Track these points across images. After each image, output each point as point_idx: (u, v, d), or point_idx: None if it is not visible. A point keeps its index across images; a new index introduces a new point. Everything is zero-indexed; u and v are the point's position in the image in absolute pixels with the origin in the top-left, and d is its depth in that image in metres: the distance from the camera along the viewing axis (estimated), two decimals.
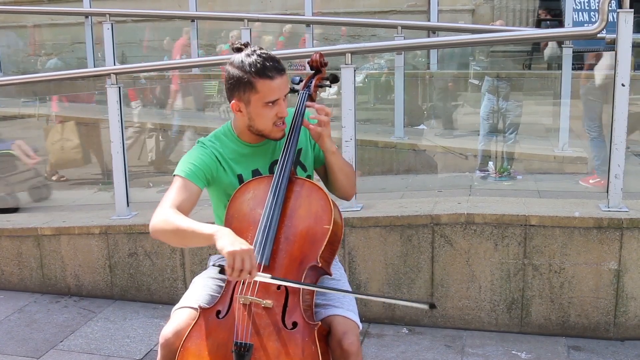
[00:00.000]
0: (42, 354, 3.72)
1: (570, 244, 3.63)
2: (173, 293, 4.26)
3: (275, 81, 2.29)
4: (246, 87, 2.30)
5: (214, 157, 2.41)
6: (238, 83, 2.31)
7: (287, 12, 11.01)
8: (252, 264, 2.06)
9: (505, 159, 6.28)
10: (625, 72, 3.60)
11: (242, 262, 2.04)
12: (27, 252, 4.61)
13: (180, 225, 2.20)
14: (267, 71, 2.28)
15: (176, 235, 2.23)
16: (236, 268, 2.04)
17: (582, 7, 9.41)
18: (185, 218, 2.23)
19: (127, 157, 4.61)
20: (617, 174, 3.67)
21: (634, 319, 3.63)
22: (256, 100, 2.31)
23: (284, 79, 2.32)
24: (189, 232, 2.18)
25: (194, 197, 2.36)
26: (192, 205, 2.35)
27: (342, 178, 2.50)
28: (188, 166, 2.37)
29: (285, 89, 2.34)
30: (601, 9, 3.70)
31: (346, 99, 4.06)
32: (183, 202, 2.30)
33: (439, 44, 6.80)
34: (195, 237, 2.18)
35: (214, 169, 2.41)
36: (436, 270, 3.83)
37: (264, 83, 2.28)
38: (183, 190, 2.33)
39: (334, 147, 2.44)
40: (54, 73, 6.35)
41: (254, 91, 2.30)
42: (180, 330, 2.24)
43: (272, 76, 2.28)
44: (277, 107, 2.33)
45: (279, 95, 2.32)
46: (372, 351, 3.61)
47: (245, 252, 2.05)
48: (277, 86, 2.30)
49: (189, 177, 2.34)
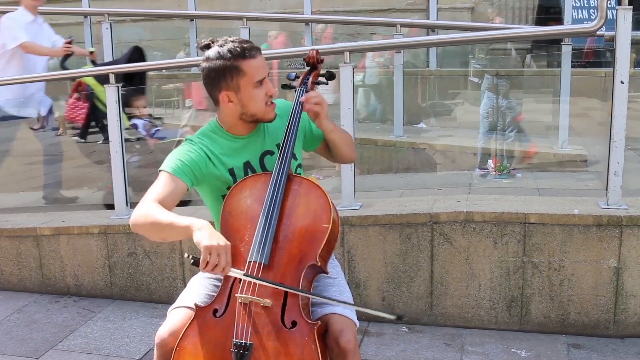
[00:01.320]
0: (42, 354, 3.72)
1: (570, 242, 3.62)
2: (172, 292, 4.25)
3: (257, 59, 2.33)
4: (232, 73, 2.30)
5: (202, 154, 2.38)
6: (223, 72, 2.31)
7: (287, 10, 11.01)
8: (227, 261, 2.07)
9: (504, 156, 6.28)
10: (624, 70, 3.59)
11: (218, 257, 2.04)
12: (26, 252, 4.60)
13: (157, 218, 2.18)
14: (248, 51, 2.30)
15: (154, 228, 2.21)
16: (210, 263, 2.05)
17: (581, 4, 9.42)
18: (164, 211, 2.21)
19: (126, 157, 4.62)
20: (617, 172, 3.66)
21: (633, 317, 3.63)
22: (245, 83, 2.32)
23: (263, 58, 2.37)
24: (166, 225, 2.17)
25: (179, 192, 2.33)
26: (175, 200, 2.33)
27: (346, 148, 2.60)
28: (175, 162, 2.34)
29: (266, 67, 2.37)
30: (600, 7, 3.69)
31: (345, 98, 4.05)
32: (166, 197, 2.28)
33: (438, 42, 6.79)
34: (172, 230, 2.17)
35: (202, 166, 2.38)
36: (435, 269, 3.83)
37: (249, 63, 2.30)
38: (167, 186, 2.31)
39: (332, 126, 2.49)
40: (53, 73, 6.32)
41: (241, 74, 2.30)
42: (176, 330, 2.24)
43: (254, 55, 2.32)
44: (265, 86, 2.36)
45: (264, 73, 2.35)
46: (371, 350, 3.61)
47: (222, 247, 2.05)
48: (261, 64, 2.34)
49: (175, 173, 2.32)
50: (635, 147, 5.60)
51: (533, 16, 12.19)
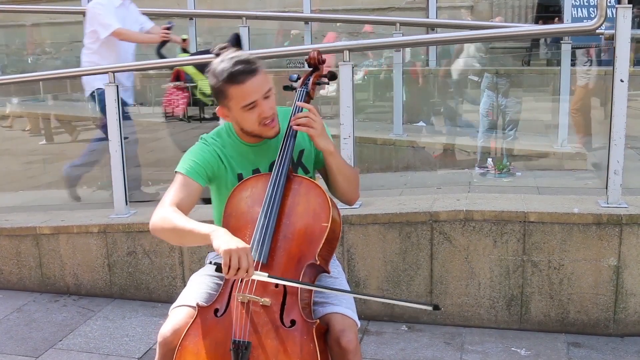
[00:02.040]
0: (41, 353, 3.72)
1: (570, 241, 3.62)
2: (172, 291, 4.25)
3: (246, 85, 2.26)
4: (221, 95, 2.31)
5: (215, 155, 2.41)
6: (216, 92, 2.33)
7: (286, 9, 10.99)
8: (249, 263, 2.05)
9: (504, 155, 6.27)
10: (624, 68, 3.58)
11: (239, 260, 2.04)
12: (25, 252, 4.60)
13: (177, 225, 2.20)
14: (236, 77, 2.25)
15: (174, 234, 2.24)
16: (232, 266, 2.03)
17: (581, 3, 9.41)
18: (183, 217, 2.23)
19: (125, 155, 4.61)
20: (617, 170, 3.66)
21: (633, 315, 3.63)
22: (234, 106, 2.31)
23: (258, 79, 2.28)
24: (187, 232, 2.18)
25: (195, 194, 2.37)
26: (192, 202, 2.37)
27: (342, 180, 2.44)
28: (189, 163, 2.38)
29: (261, 89, 2.28)
30: (600, 5, 3.68)
31: (344, 97, 4.05)
32: (183, 200, 2.32)
33: (437, 40, 6.78)
34: (192, 237, 2.19)
35: (215, 166, 2.41)
36: (435, 268, 3.82)
37: (235, 89, 2.27)
38: (183, 188, 2.34)
39: (331, 148, 2.37)
40: (53, 72, 6.31)
41: (228, 97, 2.30)
42: (179, 329, 2.24)
43: (241, 81, 2.25)
44: (258, 109, 2.30)
45: (255, 97, 2.28)
46: (371, 349, 3.61)
47: (242, 250, 2.05)
48: (249, 89, 2.27)
49: (190, 175, 2.36)
50: (635, 145, 5.60)
51: (533, 15, 12.18)
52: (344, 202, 2.53)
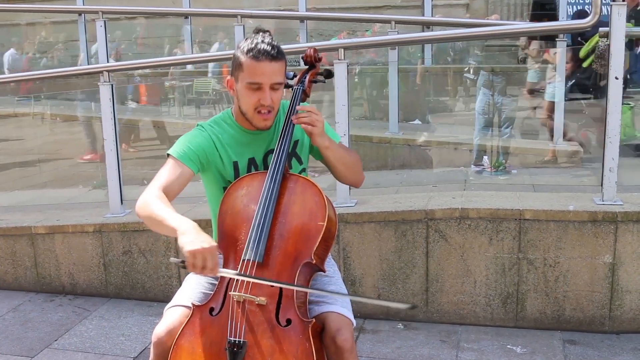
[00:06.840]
0: (37, 352, 3.71)
1: (565, 238, 3.62)
2: (168, 291, 4.24)
3: (260, 64, 2.26)
4: (236, 64, 2.32)
5: (211, 141, 2.39)
6: (233, 61, 2.34)
7: (281, 8, 10.99)
8: (213, 263, 2.04)
9: (500, 153, 6.28)
10: (618, 65, 3.59)
11: (204, 260, 2.02)
12: (21, 251, 4.59)
13: (153, 212, 2.18)
14: (256, 52, 2.26)
15: (150, 221, 2.22)
16: (197, 266, 2.02)
17: (575, 0, 9.42)
18: (161, 205, 2.19)
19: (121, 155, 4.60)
20: (612, 168, 3.66)
21: (629, 312, 3.63)
22: (242, 79, 2.31)
23: (274, 66, 2.28)
24: (159, 221, 2.16)
25: (184, 179, 2.33)
26: (181, 187, 2.33)
27: (343, 169, 2.46)
28: (183, 148, 2.35)
29: (271, 76, 2.28)
30: (594, 2, 3.69)
31: (339, 95, 4.05)
32: (172, 184, 2.29)
33: (433, 38, 6.78)
34: (164, 227, 2.16)
35: (209, 153, 2.38)
36: (431, 266, 3.82)
37: (250, 63, 2.27)
38: (173, 172, 2.31)
39: (327, 142, 2.39)
40: (48, 71, 6.32)
41: (240, 69, 2.30)
42: (173, 329, 2.23)
43: (258, 57, 2.26)
44: (260, 93, 2.30)
45: (263, 80, 2.28)
46: (367, 347, 3.61)
47: (207, 250, 2.02)
48: (261, 70, 2.27)
49: (182, 159, 2.33)
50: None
51: (528, 12, 12.20)
52: (351, 185, 2.67)
